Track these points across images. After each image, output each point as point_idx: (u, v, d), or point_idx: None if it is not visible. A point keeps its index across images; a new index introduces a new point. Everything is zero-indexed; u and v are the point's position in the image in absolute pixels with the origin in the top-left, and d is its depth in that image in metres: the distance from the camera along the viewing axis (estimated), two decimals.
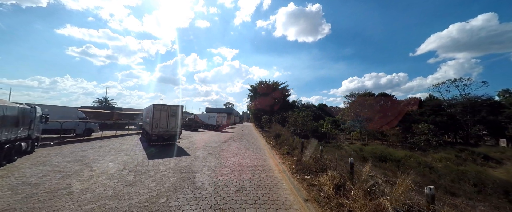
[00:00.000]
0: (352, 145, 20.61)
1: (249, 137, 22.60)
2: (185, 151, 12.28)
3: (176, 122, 14.53)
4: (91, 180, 6.27)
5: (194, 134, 24.70)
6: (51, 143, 13.18)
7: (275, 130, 19.97)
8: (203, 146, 14.36)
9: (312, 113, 28.90)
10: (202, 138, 20.83)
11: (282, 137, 14.98)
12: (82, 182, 6.07)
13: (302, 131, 24.40)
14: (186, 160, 9.60)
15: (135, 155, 10.42)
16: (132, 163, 8.61)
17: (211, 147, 13.91)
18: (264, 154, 11.88)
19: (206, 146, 14.36)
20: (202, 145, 15.22)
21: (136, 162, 8.82)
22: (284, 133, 16.80)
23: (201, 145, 14.93)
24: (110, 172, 7.16)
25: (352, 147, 17.58)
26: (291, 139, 13.69)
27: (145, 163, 8.74)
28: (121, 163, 8.66)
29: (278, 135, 17.42)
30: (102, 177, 6.61)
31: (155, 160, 9.50)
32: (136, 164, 8.55)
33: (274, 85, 43.28)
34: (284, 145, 12.69)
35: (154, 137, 13.45)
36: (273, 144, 15.12)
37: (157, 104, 13.83)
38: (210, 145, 15.22)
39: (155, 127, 13.52)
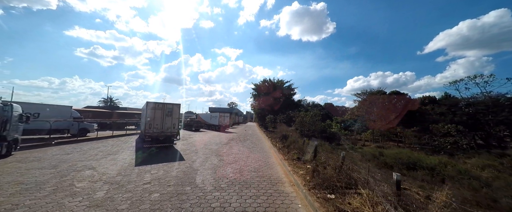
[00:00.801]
0: (366, 148, 18.82)
1: (253, 138, 21.10)
2: (180, 154, 10.85)
3: (173, 122, 13.13)
4: (48, 197, 4.86)
5: (195, 135, 23.37)
6: (36, 145, 12.01)
7: (281, 131, 18.39)
8: (202, 148, 12.93)
9: (319, 112, 27.19)
10: (203, 138, 19.45)
11: (290, 139, 13.40)
12: (34, 200, 4.67)
13: (310, 131, 22.73)
14: (179, 167, 8.15)
15: (122, 160, 9.03)
16: (113, 171, 7.20)
17: (210, 150, 12.46)
18: (270, 159, 10.33)
19: (205, 148, 12.93)
20: (201, 147, 13.80)
21: (118, 170, 7.42)
22: (292, 134, 15.20)
23: (200, 147, 13.51)
24: (79, 185, 5.75)
25: (369, 150, 15.82)
26: (300, 141, 12.10)
27: (129, 171, 7.32)
28: (101, 171, 7.27)
29: (285, 137, 15.84)
30: (65, 192, 5.19)
31: (143, 166, 8.08)
32: (117, 172, 7.14)
33: (278, 83, 41.63)
34: (292, 148, 11.11)
35: (148, 139, 12.08)
36: (279, 147, 13.55)
37: (151, 102, 12.45)
38: (209, 147, 13.78)
39: (149, 127, 12.15)
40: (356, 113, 35.94)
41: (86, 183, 5.89)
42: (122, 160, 9.16)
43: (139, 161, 9.05)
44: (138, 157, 9.79)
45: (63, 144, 13.18)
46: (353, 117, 33.36)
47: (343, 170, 6.10)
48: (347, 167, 6.30)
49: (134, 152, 11.14)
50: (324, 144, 18.69)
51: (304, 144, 11.50)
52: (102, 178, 6.45)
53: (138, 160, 9.15)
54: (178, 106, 13.51)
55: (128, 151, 11.19)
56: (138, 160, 9.25)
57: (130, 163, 8.50)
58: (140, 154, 10.54)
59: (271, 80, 42.03)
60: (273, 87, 41.43)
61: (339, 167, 6.20)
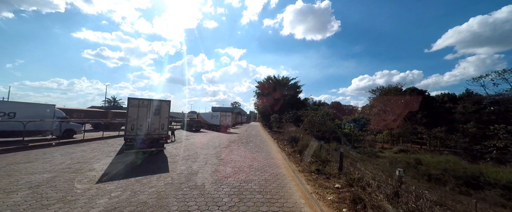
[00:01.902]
0: (387, 151, 16.31)
1: (257, 140, 18.87)
2: (166, 163, 8.70)
3: (161, 122, 11.00)
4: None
5: (193, 136, 21.29)
6: (7, 149, 10.08)
7: (289, 132, 16.08)
8: (196, 154, 10.77)
9: (331, 111, 24.79)
10: (201, 140, 17.31)
11: (302, 142, 11.09)
12: None
13: (320, 132, 20.35)
14: (157, 184, 5.97)
15: (87, 173, 6.92)
16: (57, 193, 5.07)
17: (205, 156, 10.28)
18: (279, 170, 8.06)
19: (199, 154, 10.77)
20: (196, 151, 11.64)
21: (67, 190, 5.28)
22: (303, 136, 12.89)
23: (194, 152, 11.35)
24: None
25: (395, 156, 13.27)
26: (316, 145, 9.78)
27: (82, 192, 5.18)
28: (43, 192, 5.15)
29: (295, 139, 13.54)
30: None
31: (107, 183, 5.93)
32: (63, 194, 5.01)
33: (283, 81, 39.25)
34: (307, 155, 8.80)
35: (129, 142, 9.98)
36: (288, 152, 11.26)
37: (133, 98, 10.32)
38: (205, 151, 11.61)
39: (131, 129, 10.04)
40: (368, 112, 33.26)
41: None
42: (87, 172, 7.05)
43: (108, 174, 6.92)
44: (111, 168, 7.67)
45: (39, 148, 11.27)
46: (365, 116, 30.71)
47: (402, 196, 3.79)
48: (406, 190, 3.97)
49: (111, 160, 9.04)
50: (338, 146, 16.30)
51: (321, 149, 9.17)
52: (31, 207, 4.31)
53: (108, 173, 7.02)
54: (168, 102, 11.38)
55: (104, 159, 9.09)
56: (108, 172, 7.12)
57: (92, 178, 6.36)
58: (116, 163, 8.43)
59: (275, 78, 39.70)
60: (278, 85, 39.09)
61: (395, 193, 3.89)
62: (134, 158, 9.37)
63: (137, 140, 10.17)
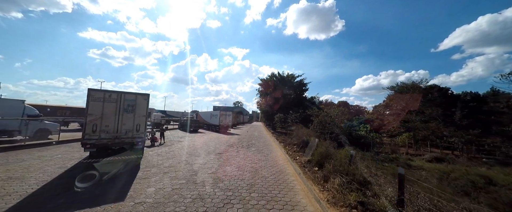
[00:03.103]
0: (418, 159, 13.46)
1: (259, 143, 16.25)
2: (132, 180, 6.14)
3: (136, 122, 8.45)
4: None
5: (188, 137, 18.74)
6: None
7: (300, 134, 13.40)
8: (180, 164, 8.20)
9: (346, 109, 22.07)
10: (195, 143, 14.75)
11: (319, 150, 8.41)
12: None
13: (333, 134, 17.64)
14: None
15: (3, 197, 4.40)
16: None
17: (192, 167, 7.72)
18: (296, 198, 5.42)
19: (185, 164, 8.20)
20: (182, 160, 9.08)
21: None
22: (319, 140, 10.21)
23: (179, 161, 8.79)
24: None
25: (437, 167, 10.36)
26: (342, 155, 7.11)
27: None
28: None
29: (307, 143, 10.87)
30: None
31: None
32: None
33: (289, 78, 36.41)
34: (333, 172, 6.14)
35: (90, 147, 7.45)
36: (302, 162, 8.61)
37: (96, 90, 7.74)
38: (195, 160, 9.04)
39: (92, 131, 7.50)
40: (382, 111, 30.31)
41: None
42: (3, 196, 4.53)
43: (27, 205, 4.38)
44: (41, 191, 5.15)
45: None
46: (380, 116, 27.79)
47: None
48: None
49: (59, 174, 6.53)
50: (358, 152, 13.61)
51: (352, 161, 6.50)
52: None
53: (28, 203, 4.48)
54: (145, 97, 8.82)
55: (50, 173, 6.58)
56: (31, 200, 4.59)
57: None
58: (61, 179, 5.91)
59: (280, 74, 36.85)
60: (282, 82, 36.29)
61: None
62: (92, 170, 6.82)
63: (99, 146, 7.62)
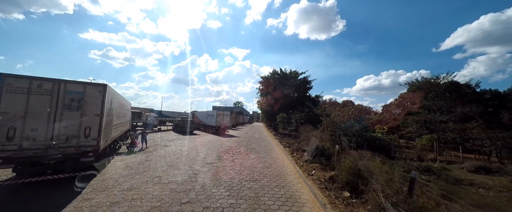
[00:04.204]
0: (455, 169, 10.84)
1: (261, 147, 13.68)
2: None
3: (84, 125, 5.90)
4: None
5: (179, 140, 16.18)
6: None
7: (308, 138, 10.80)
8: (145, 184, 5.68)
9: (363, 107, 19.58)
10: (182, 149, 12.19)
11: (347, 163, 5.82)
12: None
13: (346, 137, 15.08)
14: None
15: None
16: None
17: (162, 192, 5.20)
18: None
19: (153, 184, 5.68)
20: (155, 176, 6.55)
21: None
22: (345, 151, 7.67)
23: (149, 177, 6.27)
24: None
25: (507, 185, 7.84)
26: (387, 173, 4.55)
27: None
28: None
29: (322, 151, 8.29)
30: None
31: None
32: None
33: (292, 75, 33.83)
34: (383, 204, 3.54)
35: (3, 165, 4.92)
36: (321, 180, 6.06)
37: (14, 76, 5.19)
38: (170, 177, 6.50)
39: (6, 137, 4.95)
40: (393, 110, 27.62)
41: None
42: None
43: None
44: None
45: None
46: (393, 116, 25.09)
47: None
48: None
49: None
50: (373, 157, 11.03)
51: (414, 189, 3.91)
52: None
53: None
54: (100, 88, 6.28)
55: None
56: None
57: None
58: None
59: (282, 71, 34.27)
60: (285, 80, 33.74)
61: None
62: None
63: (22, 161, 5.09)
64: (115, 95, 8.20)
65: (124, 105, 11.20)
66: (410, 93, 22.09)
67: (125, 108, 11.70)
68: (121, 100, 10.16)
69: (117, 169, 7.42)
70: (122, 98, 10.69)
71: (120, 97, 10.22)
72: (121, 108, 10.18)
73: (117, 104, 8.70)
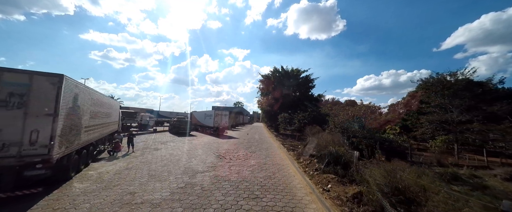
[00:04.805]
0: (492, 178, 9.44)
1: (261, 151, 12.22)
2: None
3: (30, 127, 4.47)
4: None
5: (172, 142, 14.72)
6: None
7: (319, 141, 9.35)
8: (109, 207, 4.26)
9: (373, 106, 18.18)
10: (173, 153, 10.74)
11: (378, 177, 4.38)
12: None
13: (356, 138, 13.70)
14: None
15: None
16: None
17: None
18: None
19: (119, 206, 4.26)
20: (125, 193, 5.13)
21: None
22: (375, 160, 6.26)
23: (117, 196, 4.83)
24: None
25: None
26: (440, 195, 3.11)
27: None
28: None
29: (337, 158, 6.86)
30: None
31: None
32: None
33: (294, 73, 32.35)
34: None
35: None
36: (343, 198, 4.61)
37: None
38: (147, 195, 5.07)
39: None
40: (402, 109, 26.15)
41: None
42: None
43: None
44: None
45: None
46: (400, 116, 23.58)
47: None
48: None
49: None
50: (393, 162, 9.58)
51: None
52: None
53: None
54: (54, 79, 4.85)
55: None
56: None
57: None
58: None
59: (284, 69, 32.77)
60: (287, 78, 32.29)
61: None
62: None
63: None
64: (84, 91, 6.77)
65: (105, 104, 9.77)
66: (421, 92, 20.65)
67: (107, 106, 10.28)
68: (99, 98, 8.74)
69: (85, 181, 6.00)
70: (102, 96, 9.27)
71: (99, 94, 8.81)
72: (100, 107, 8.75)
73: (89, 102, 7.27)
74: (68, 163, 5.89)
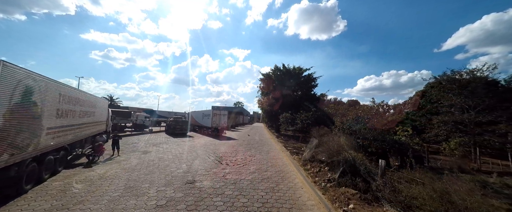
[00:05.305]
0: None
1: (262, 152, 10.96)
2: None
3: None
4: None
5: (165, 145, 13.47)
6: None
7: (329, 145, 8.09)
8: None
9: (385, 105, 16.83)
10: (163, 157, 9.50)
11: (426, 198, 3.14)
12: None
13: (366, 141, 12.46)
14: None
15: None
16: None
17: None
18: None
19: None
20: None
21: None
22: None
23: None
24: None
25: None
26: None
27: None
28: None
29: (355, 167, 5.61)
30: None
31: None
32: None
33: (296, 71, 31.07)
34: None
35: None
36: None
37: None
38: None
39: None
40: (410, 107, 24.79)
41: None
42: None
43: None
44: None
45: None
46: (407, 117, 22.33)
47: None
48: None
49: None
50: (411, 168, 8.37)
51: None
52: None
53: None
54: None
55: None
56: None
57: None
58: None
59: (285, 67, 31.47)
60: (288, 77, 31.04)
61: None
62: None
63: None
64: (46, 84, 5.56)
65: (84, 101, 8.56)
66: (434, 90, 19.34)
67: (88, 105, 9.08)
68: (74, 94, 7.53)
69: (42, 197, 4.78)
70: (78, 92, 8.06)
71: (73, 90, 7.60)
72: (75, 104, 7.54)
73: (56, 98, 6.05)
74: (20, 174, 4.68)
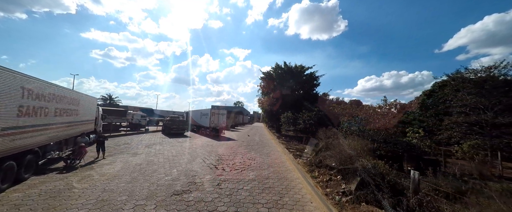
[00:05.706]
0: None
1: (262, 154, 9.96)
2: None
3: None
4: None
5: (159, 145, 12.45)
6: None
7: (332, 145, 7.10)
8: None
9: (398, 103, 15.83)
10: (153, 159, 8.52)
11: None
12: None
13: (375, 143, 11.54)
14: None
15: None
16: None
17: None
18: None
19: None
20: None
21: None
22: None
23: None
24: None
25: None
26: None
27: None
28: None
29: (375, 178, 4.60)
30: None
31: None
32: None
33: (298, 69, 30.02)
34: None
35: None
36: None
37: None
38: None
39: None
40: (417, 107, 23.82)
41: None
42: None
43: None
44: None
45: None
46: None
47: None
48: None
49: None
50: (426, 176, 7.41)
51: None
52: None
53: None
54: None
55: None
56: None
57: None
58: None
59: (286, 65, 30.41)
60: (289, 75, 30.02)
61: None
62: None
63: None
64: (5, 76, 4.58)
65: (61, 97, 7.59)
66: (447, 89, 18.33)
67: (68, 102, 8.12)
68: (46, 89, 6.55)
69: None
70: (52, 86, 7.07)
71: (46, 84, 6.62)
72: (49, 101, 6.57)
73: (18, 93, 5.07)
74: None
